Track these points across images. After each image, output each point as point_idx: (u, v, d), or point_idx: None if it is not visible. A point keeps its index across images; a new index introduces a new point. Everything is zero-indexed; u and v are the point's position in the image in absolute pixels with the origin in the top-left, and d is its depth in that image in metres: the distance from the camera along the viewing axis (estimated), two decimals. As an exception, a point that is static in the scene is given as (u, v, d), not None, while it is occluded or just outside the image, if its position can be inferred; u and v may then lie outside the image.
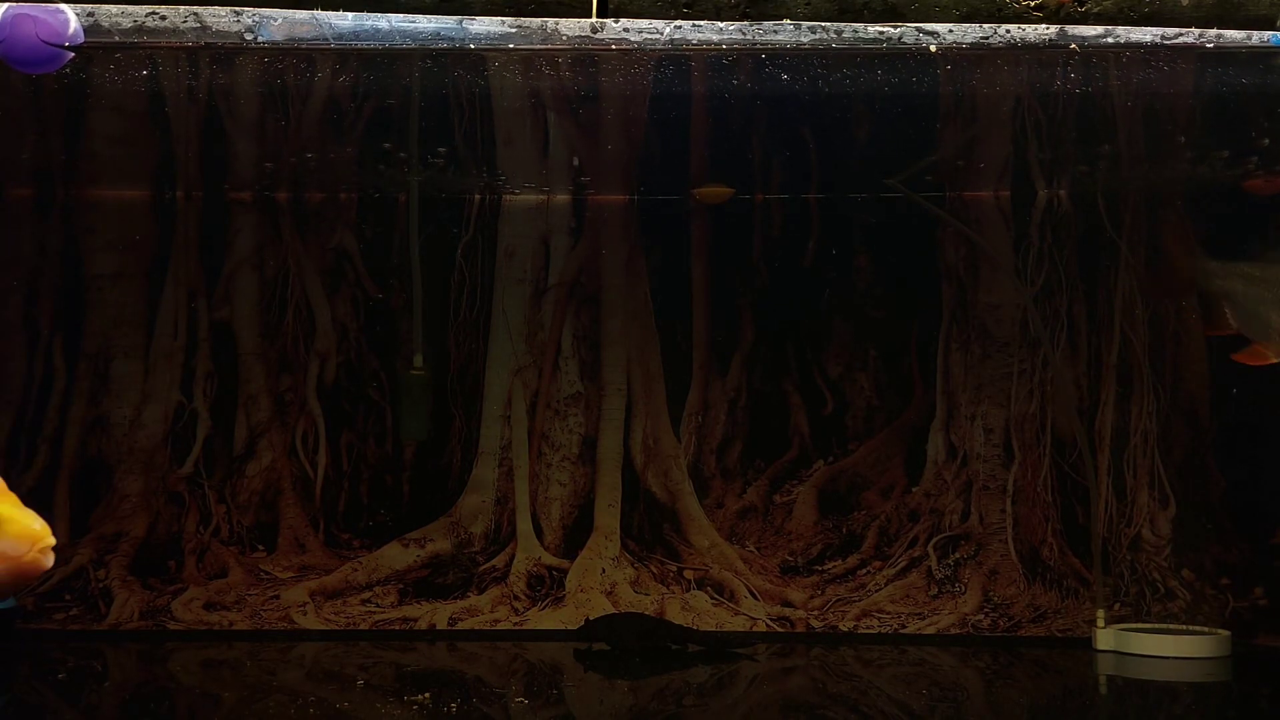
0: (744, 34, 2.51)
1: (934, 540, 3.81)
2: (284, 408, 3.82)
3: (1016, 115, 3.27)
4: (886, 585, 3.78)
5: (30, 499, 3.75)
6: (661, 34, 2.51)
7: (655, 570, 3.79)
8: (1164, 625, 3.64)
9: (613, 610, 3.71)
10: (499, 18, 2.51)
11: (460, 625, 3.73)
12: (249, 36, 2.46)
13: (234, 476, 3.79)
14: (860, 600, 3.77)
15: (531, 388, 3.87)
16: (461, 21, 2.50)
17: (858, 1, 2.57)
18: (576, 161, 3.62)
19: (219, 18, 2.45)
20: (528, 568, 3.79)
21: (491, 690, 3.17)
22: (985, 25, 2.53)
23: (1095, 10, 2.59)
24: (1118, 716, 3.12)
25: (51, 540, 1.85)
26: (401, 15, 2.49)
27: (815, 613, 3.76)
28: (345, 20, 2.47)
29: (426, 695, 2.97)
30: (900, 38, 2.51)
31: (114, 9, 2.42)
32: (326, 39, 2.47)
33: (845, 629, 3.75)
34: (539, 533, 3.82)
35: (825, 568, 3.80)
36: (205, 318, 3.84)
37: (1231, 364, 3.42)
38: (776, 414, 3.88)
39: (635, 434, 3.87)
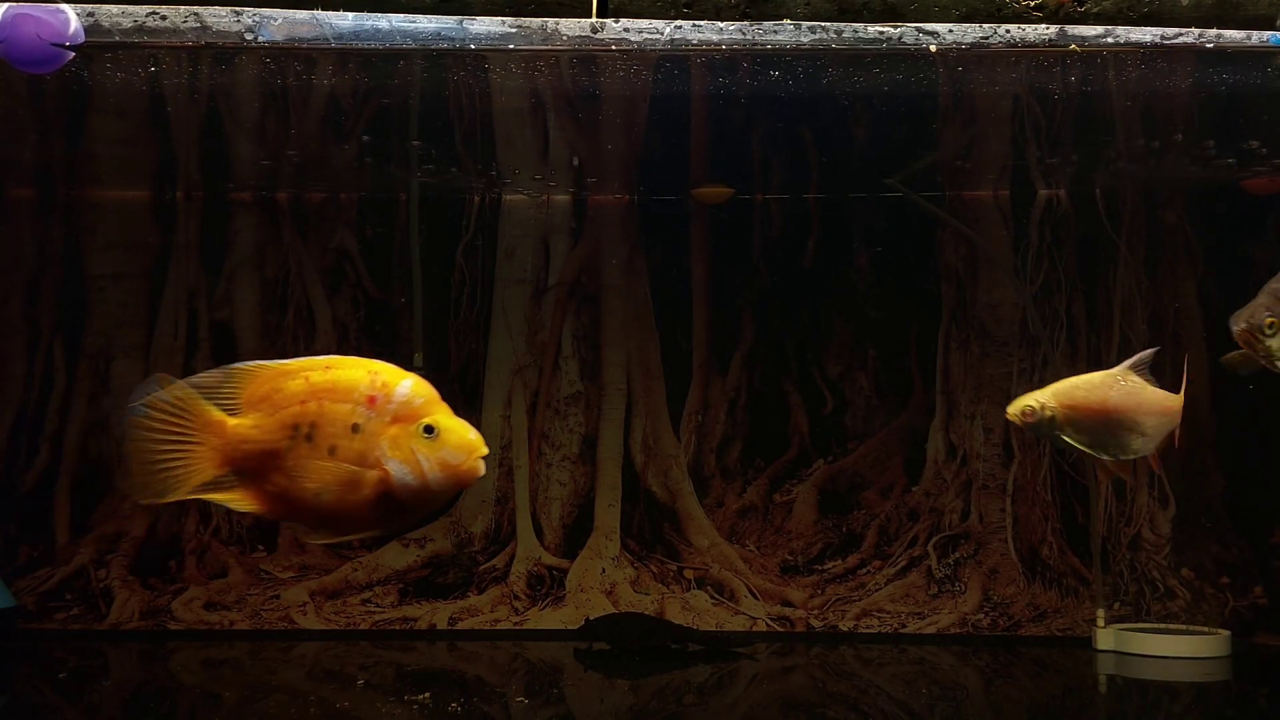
0: (744, 34, 2.52)
1: (934, 539, 3.81)
2: (284, 408, 3.82)
3: (1016, 115, 3.27)
4: (886, 585, 3.78)
5: (30, 498, 3.78)
6: (661, 34, 2.51)
7: (655, 570, 3.80)
8: (1164, 625, 3.64)
9: (613, 610, 3.71)
10: (499, 18, 2.51)
11: (460, 625, 3.73)
12: (249, 36, 2.46)
13: (234, 476, 3.79)
14: (860, 600, 3.77)
15: (531, 388, 3.87)
16: (461, 21, 2.50)
17: (858, 1, 2.57)
18: (576, 161, 3.62)
19: (219, 18, 2.45)
20: (528, 567, 3.79)
21: (491, 690, 3.17)
22: (985, 25, 2.53)
23: (1095, 10, 2.60)
24: (1117, 716, 3.12)
25: (485, 450, 1.88)
26: (401, 15, 2.49)
27: (815, 612, 3.76)
28: (345, 20, 2.48)
29: (426, 695, 2.97)
30: (900, 38, 2.51)
31: (114, 9, 2.43)
32: (326, 39, 2.47)
33: (845, 628, 3.75)
34: (539, 532, 3.82)
35: (825, 567, 3.80)
36: (205, 318, 3.84)
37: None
38: (776, 414, 3.88)
39: (635, 434, 3.87)
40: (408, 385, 1.86)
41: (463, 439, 1.85)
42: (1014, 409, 2.57)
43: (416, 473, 1.83)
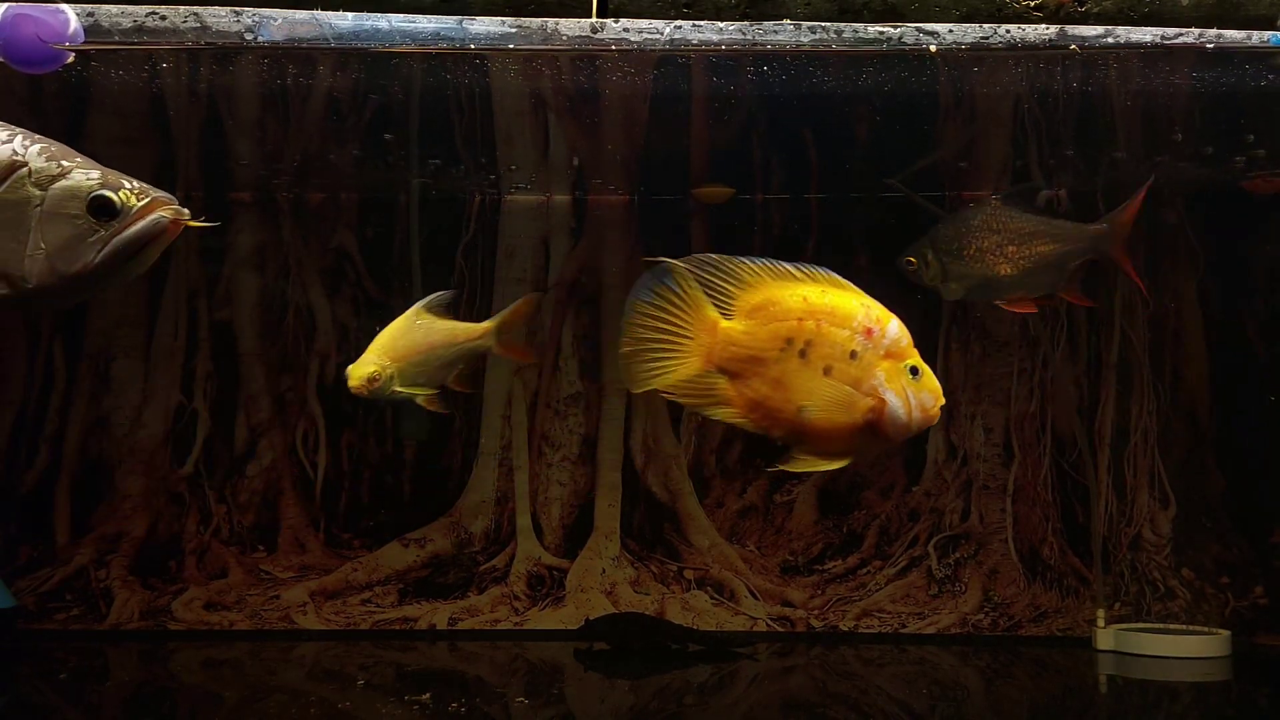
0: (744, 34, 2.52)
1: (934, 540, 3.81)
2: (284, 408, 3.83)
3: (1017, 115, 3.27)
4: (887, 585, 3.78)
5: (30, 498, 3.78)
6: (661, 34, 2.51)
7: (655, 570, 3.79)
8: (1164, 625, 3.64)
9: (613, 610, 3.71)
10: (499, 18, 2.51)
11: (460, 625, 3.73)
12: (249, 36, 2.46)
13: (234, 476, 3.79)
14: (860, 600, 3.77)
15: (531, 388, 3.87)
16: (461, 21, 2.50)
17: (858, 1, 2.57)
18: (576, 161, 3.62)
19: (219, 18, 2.45)
20: (528, 568, 3.79)
21: (492, 690, 3.17)
22: (985, 25, 2.54)
23: (1095, 10, 2.59)
24: (1117, 716, 3.12)
25: (944, 400, 1.97)
26: (401, 15, 2.49)
27: (815, 612, 3.76)
28: (345, 20, 2.48)
29: (427, 695, 2.97)
30: (900, 38, 2.51)
31: (114, 9, 2.43)
32: (326, 39, 2.47)
33: (845, 629, 3.75)
34: (539, 532, 3.82)
35: (825, 567, 3.80)
36: (205, 318, 3.84)
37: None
38: (776, 414, 3.87)
39: (635, 434, 3.87)
40: (897, 325, 1.99)
41: (935, 385, 1.99)
42: (356, 381, 2.72)
43: (906, 408, 1.96)
